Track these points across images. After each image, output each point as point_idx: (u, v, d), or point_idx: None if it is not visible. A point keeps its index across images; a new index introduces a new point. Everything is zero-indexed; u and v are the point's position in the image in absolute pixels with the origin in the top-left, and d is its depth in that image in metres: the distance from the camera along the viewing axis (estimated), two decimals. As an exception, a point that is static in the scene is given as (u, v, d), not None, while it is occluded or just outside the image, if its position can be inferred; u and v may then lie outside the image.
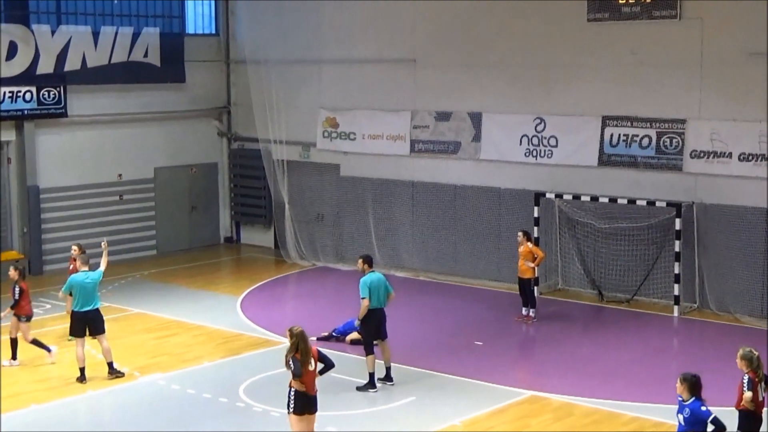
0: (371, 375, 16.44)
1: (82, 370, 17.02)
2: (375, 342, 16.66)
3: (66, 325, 18.12)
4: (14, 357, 18.02)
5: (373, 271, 16.68)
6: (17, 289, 17.80)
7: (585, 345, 19.28)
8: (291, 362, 12.58)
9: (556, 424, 14.96)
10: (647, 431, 14.65)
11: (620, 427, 14.76)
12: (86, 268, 17.32)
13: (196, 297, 23.30)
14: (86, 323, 17.07)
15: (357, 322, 17.01)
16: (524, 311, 21.00)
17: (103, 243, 18.34)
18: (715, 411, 11.35)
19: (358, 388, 16.37)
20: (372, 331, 16.60)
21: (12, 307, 17.78)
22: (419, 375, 17.26)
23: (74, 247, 19.57)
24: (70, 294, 17.23)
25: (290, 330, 12.80)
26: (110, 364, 17.25)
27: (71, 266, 19.37)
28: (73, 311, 17.22)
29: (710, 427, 11.22)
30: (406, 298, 23.31)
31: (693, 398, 11.35)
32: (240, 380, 16.90)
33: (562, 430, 14.72)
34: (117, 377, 17.16)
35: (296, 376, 12.55)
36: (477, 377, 17.04)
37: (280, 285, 25.12)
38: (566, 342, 19.45)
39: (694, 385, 11.40)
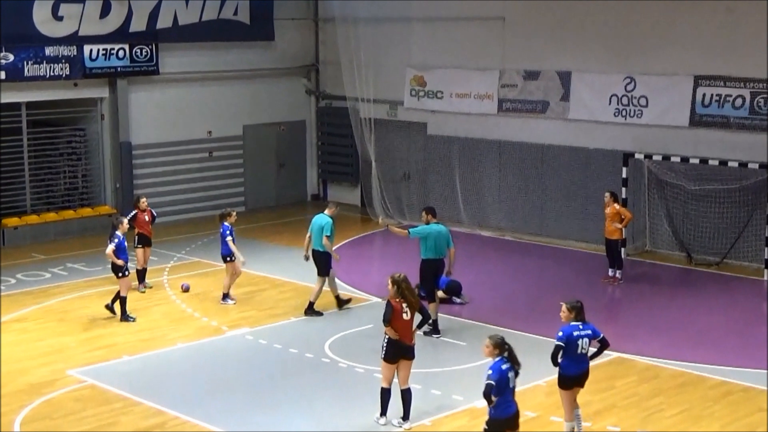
0: (435, 321, 16.98)
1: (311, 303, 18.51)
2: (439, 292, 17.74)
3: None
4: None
5: (437, 222, 17.31)
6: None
7: (672, 307, 19.06)
8: (386, 307, 12.93)
9: (642, 386, 14.87)
10: (734, 395, 14.47)
11: (707, 391, 14.62)
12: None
13: (284, 253, 23.54)
14: (314, 262, 18.54)
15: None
16: (611, 272, 20.85)
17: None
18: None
19: (424, 332, 16.48)
20: (432, 280, 17.26)
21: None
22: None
23: (143, 199, 20.50)
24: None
25: (392, 277, 13.04)
26: (310, 304, 18.40)
27: (147, 218, 20.32)
28: None
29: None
30: (491, 258, 23.31)
31: (577, 322, 12.36)
32: (326, 336, 17.11)
33: (648, 392, 14.63)
34: (313, 315, 18.35)
35: (384, 321, 12.86)
36: (562, 338, 16.98)
37: (366, 243, 25.27)
38: (653, 304, 19.26)
39: (579, 309, 12.45)
